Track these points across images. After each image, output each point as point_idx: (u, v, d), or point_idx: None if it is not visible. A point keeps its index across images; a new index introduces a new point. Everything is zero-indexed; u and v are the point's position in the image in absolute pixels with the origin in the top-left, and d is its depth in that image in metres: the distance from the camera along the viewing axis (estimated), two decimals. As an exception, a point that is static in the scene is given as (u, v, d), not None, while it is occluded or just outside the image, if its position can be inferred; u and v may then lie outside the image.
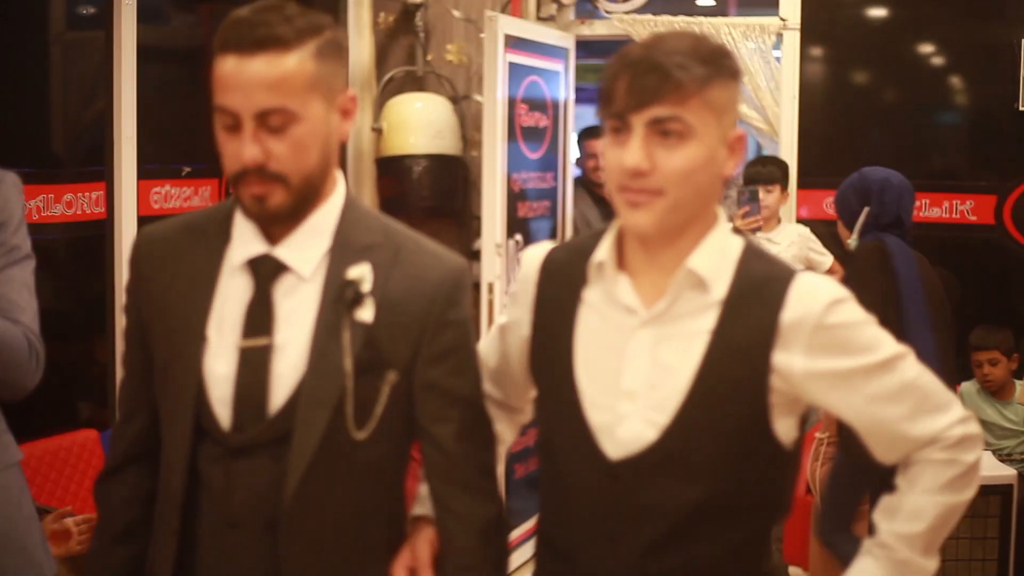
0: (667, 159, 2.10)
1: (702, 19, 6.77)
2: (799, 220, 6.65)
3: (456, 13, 6.85)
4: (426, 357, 2.30)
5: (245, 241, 2.32)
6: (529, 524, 6.72)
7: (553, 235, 6.92)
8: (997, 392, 6.10)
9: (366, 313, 2.27)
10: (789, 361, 2.15)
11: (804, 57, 6.65)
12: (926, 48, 6.79)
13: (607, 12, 7.00)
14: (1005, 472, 5.22)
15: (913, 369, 2.19)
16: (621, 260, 2.26)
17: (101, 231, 5.08)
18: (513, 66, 6.25)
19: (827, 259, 6.30)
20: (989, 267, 6.57)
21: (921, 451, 2.18)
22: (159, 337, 2.37)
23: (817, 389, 2.17)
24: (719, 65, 2.14)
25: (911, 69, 6.76)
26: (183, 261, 2.37)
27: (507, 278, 6.28)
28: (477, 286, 6.34)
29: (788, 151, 6.59)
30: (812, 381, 2.16)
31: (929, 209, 6.55)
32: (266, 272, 2.30)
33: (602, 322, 2.25)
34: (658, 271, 2.22)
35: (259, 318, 2.29)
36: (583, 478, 2.24)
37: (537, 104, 6.61)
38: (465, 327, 2.34)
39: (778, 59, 6.76)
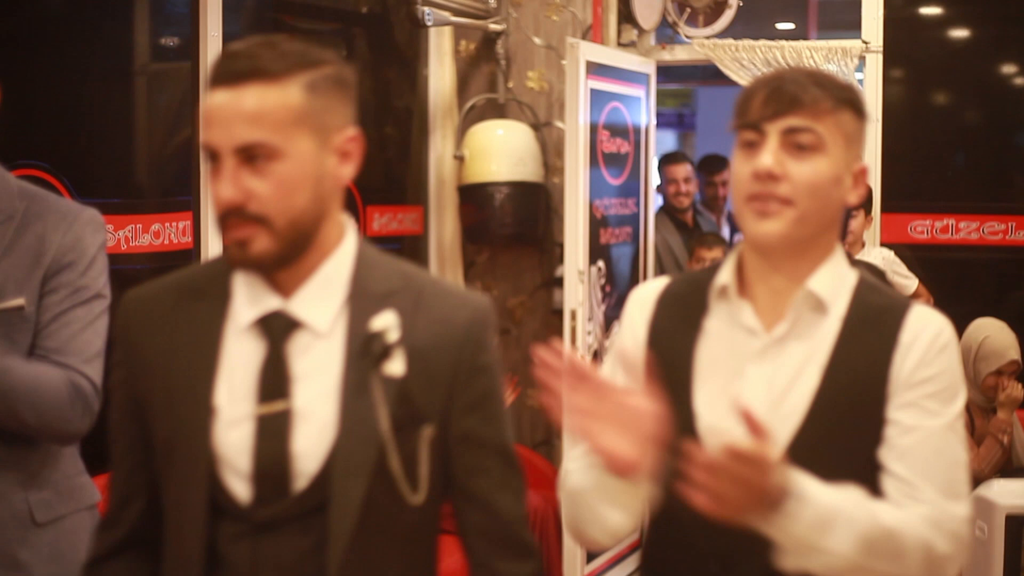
0: (798, 169, 2.16)
1: (784, 43, 6.73)
2: (883, 244, 6.60)
3: (536, 40, 6.88)
4: (460, 407, 2.16)
5: (251, 298, 2.15)
6: (615, 549, 6.72)
7: (635, 262, 6.91)
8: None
9: (396, 366, 2.11)
10: (898, 374, 2.18)
11: (886, 79, 6.60)
12: (1009, 69, 6.73)
13: (688, 37, 6.98)
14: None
15: (962, 445, 2.20)
16: (741, 286, 2.29)
17: (188, 261, 5.14)
18: (594, 92, 6.26)
19: (912, 282, 6.25)
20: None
21: (916, 506, 2.13)
22: (159, 411, 2.17)
23: (899, 402, 2.18)
24: (852, 98, 2.23)
25: (994, 90, 6.70)
26: (179, 326, 2.18)
27: (589, 305, 6.27)
28: (560, 313, 6.34)
29: (871, 174, 6.52)
30: (904, 391, 2.17)
31: (1015, 232, 6.48)
32: (278, 330, 2.13)
33: (723, 347, 2.27)
34: (777, 295, 2.26)
35: (274, 381, 2.11)
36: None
37: (619, 130, 6.62)
38: (495, 372, 2.22)
39: (860, 82, 6.71)
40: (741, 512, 2.01)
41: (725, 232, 8.32)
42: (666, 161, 7.57)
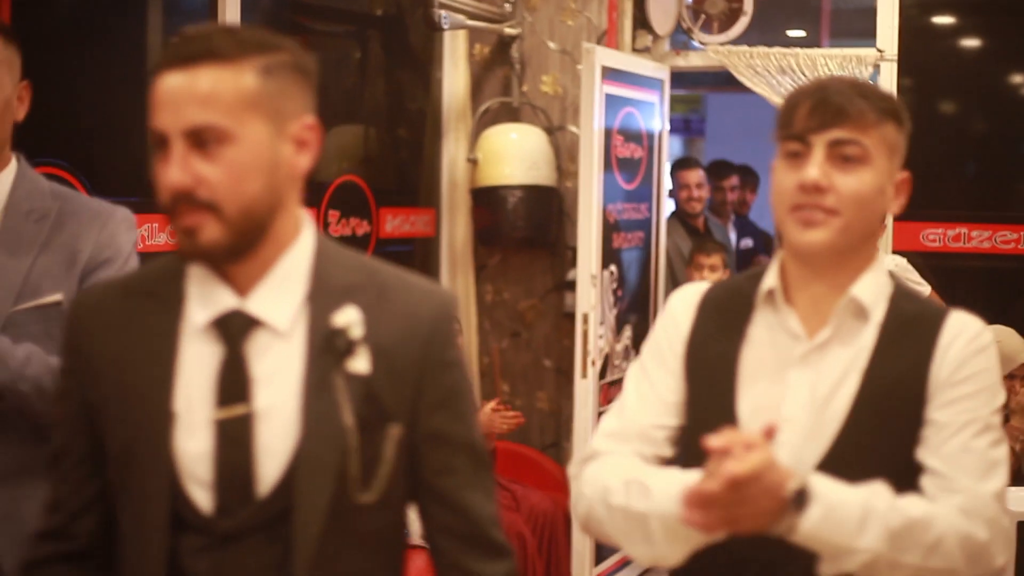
0: (844, 181, 2.18)
1: (799, 50, 6.72)
2: (895, 251, 6.60)
3: (551, 44, 6.89)
4: (428, 404, 2.09)
5: (207, 297, 2.05)
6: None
7: (646, 266, 6.93)
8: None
9: (360, 363, 2.03)
10: (937, 376, 2.20)
11: (900, 88, 6.59)
12: (1020, 78, 6.73)
13: (702, 43, 7.00)
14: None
15: (1000, 439, 2.22)
16: (784, 292, 2.31)
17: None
18: (609, 97, 6.29)
19: (925, 289, 6.25)
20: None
21: (949, 498, 2.14)
22: (114, 420, 2.06)
23: (937, 403, 2.19)
24: (894, 108, 2.25)
25: (1008, 99, 6.70)
26: (131, 330, 2.07)
27: (601, 309, 6.29)
28: (571, 316, 6.36)
29: (884, 182, 6.51)
30: (942, 391, 2.19)
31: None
32: (236, 330, 2.03)
33: (767, 353, 2.28)
34: (817, 303, 2.27)
35: (233, 383, 2.01)
36: None
37: (632, 135, 6.64)
38: (462, 367, 2.16)
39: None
40: (759, 525, 2.02)
41: (732, 237, 8.33)
42: (679, 166, 7.60)
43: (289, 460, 2.00)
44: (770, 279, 2.31)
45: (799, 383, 2.24)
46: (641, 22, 6.99)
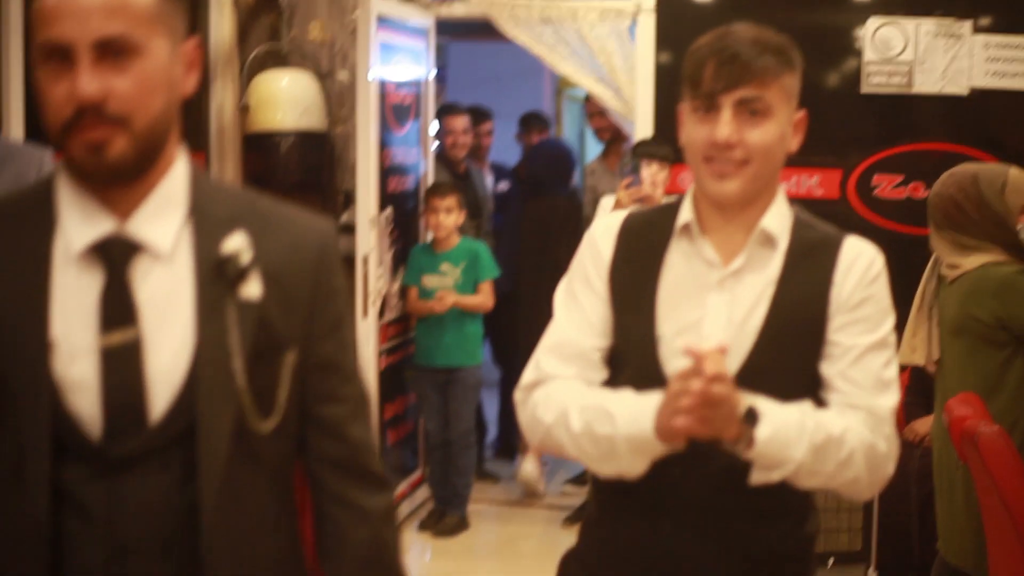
0: (751, 134, 2.37)
1: (560, 2, 6.92)
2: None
3: (319, -9, 6.95)
4: (319, 332, 2.09)
5: (83, 222, 1.98)
6: (403, 486, 6.94)
7: (416, 209, 7.08)
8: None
9: (252, 289, 2.02)
10: (837, 299, 2.43)
11: (660, 39, 6.81)
12: (779, 21, 7.02)
13: (464, -7, 7.13)
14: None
15: (892, 355, 2.47)
16: (699, 225, 2.49)
17: None
18: (381, 45, 6.41)
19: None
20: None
21: (854, 413, 2.39)
22: None
23: (837, 324, 2.42)
24: (789, 57, 2.43)
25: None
26: None
27: (379, 251, 6.43)
28: (351, 260, 6.47)
29: (644, 130, 6.78)
30: (841, 314, 2.42)
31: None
32: (118, 255, 1.98)
33: (684, 278, 2.47)
34: (731, 233, 2.47)
35: (117, 309, 1.95)
36: None
37: (403, 82, 6.77)
38: (345, 295, 2.17)
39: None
40: (721, 430, 2.25)
41: (489, 181, 8.49)
42: (444, 112, 7.72)
43: (182, 386, 1.98)
44: (685, 213, 2.50)
45: (717, 306, 2.44)
46: (406, -30, 7.10)
